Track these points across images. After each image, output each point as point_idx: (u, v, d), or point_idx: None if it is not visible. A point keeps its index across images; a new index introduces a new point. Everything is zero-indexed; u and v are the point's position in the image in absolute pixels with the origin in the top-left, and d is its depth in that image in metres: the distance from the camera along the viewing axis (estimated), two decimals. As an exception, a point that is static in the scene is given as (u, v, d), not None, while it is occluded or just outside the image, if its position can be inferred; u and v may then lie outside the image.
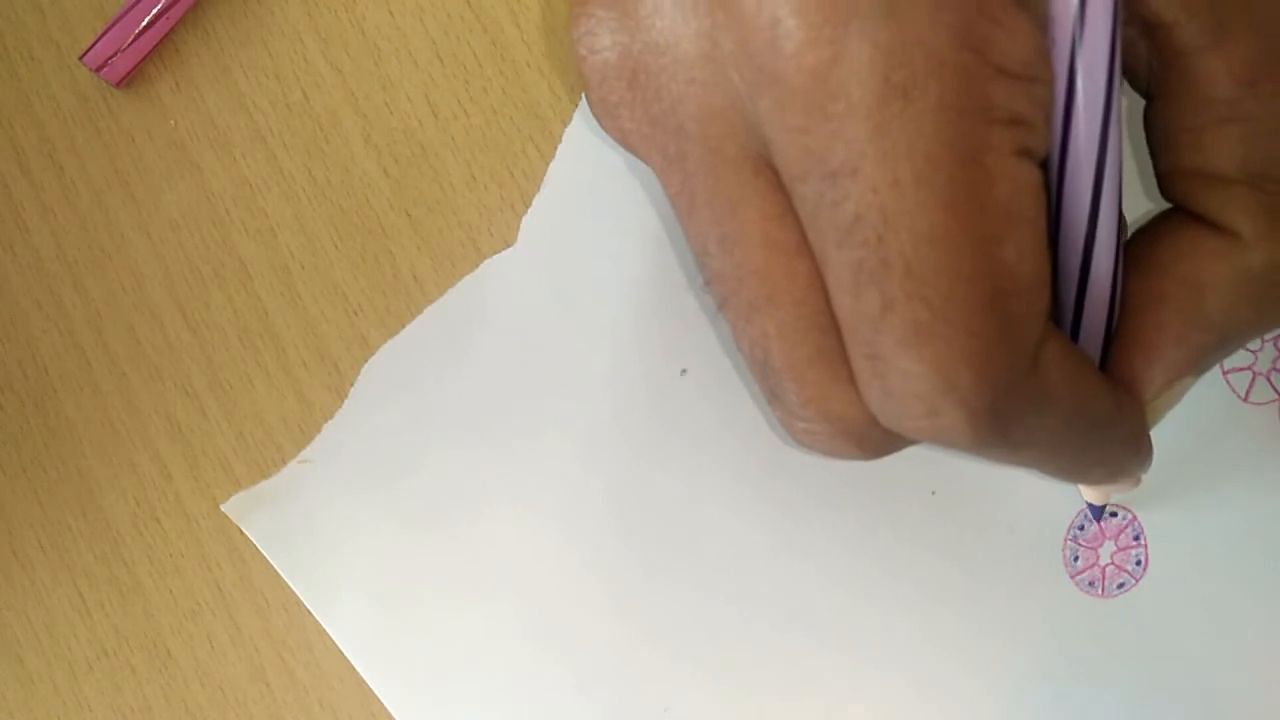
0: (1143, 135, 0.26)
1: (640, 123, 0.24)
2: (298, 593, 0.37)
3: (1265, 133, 0.24)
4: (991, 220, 0.21)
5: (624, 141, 0.25)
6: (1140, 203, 0.30)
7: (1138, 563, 0.33)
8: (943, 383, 0.22)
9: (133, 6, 0.39)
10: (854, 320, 0.22)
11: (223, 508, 0.38)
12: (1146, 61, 0.25)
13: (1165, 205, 0.26)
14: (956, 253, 0.21)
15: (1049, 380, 0.23)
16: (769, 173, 0.22)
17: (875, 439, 0.24)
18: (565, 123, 0.37)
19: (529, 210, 0.37)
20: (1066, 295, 0.25)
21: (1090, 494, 0.32)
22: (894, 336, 0.21)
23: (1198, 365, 0.26)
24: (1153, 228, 0.26)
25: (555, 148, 0.37)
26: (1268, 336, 0.33)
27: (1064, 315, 0.25)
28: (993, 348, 0.21)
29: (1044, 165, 0.23)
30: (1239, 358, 0.33)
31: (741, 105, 0.22)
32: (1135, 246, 0.26)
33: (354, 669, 0.37)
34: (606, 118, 0.24)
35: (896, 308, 0.21)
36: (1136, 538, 0.33)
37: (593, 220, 0.37)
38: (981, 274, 0.21)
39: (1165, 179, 0.26)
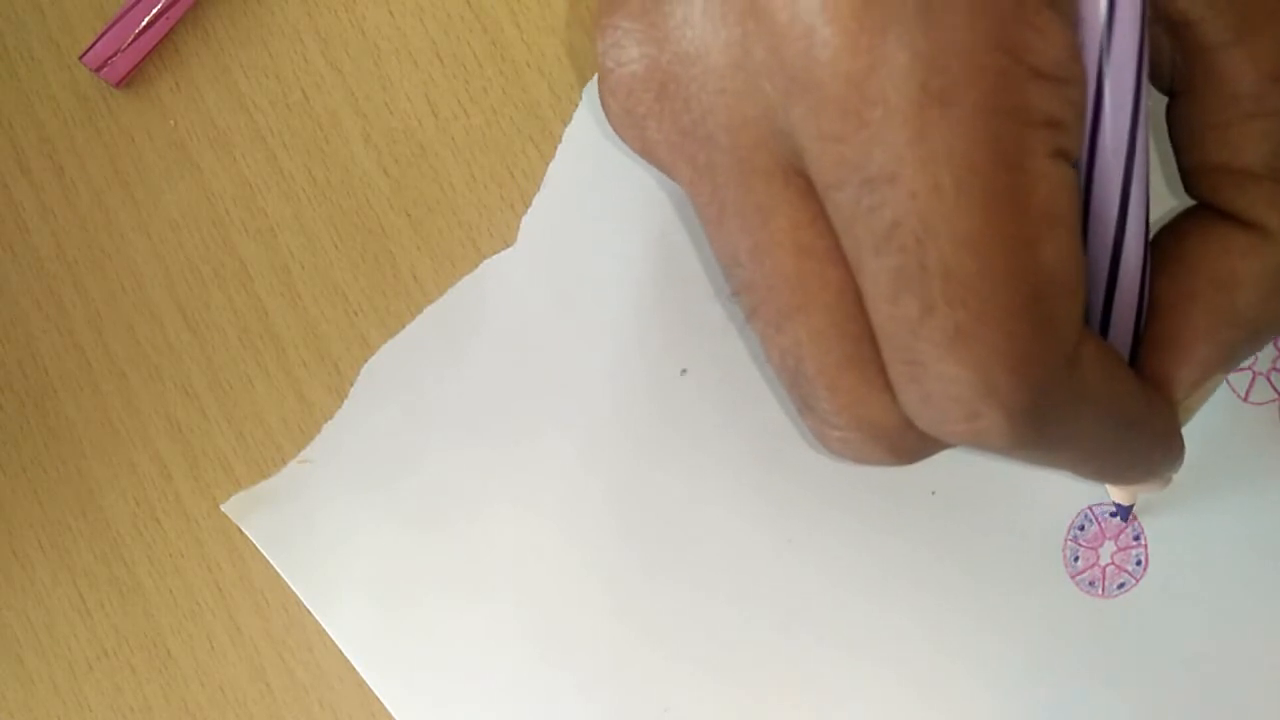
0: (1164, 131, 0.26)
1: (669, 133, 0.24)
2: (298, 593, 0.37)
3: None
4: (1030, 223, 0.21)
5: (648, 153, 0.24)
6: (1163, 199, 0.30)
7: (1138, 563, 0.33)
8: (982, 386, 0.21)
9: (133, 6, 0.39)
10: (891, 326, 0.22)
11: (223, 508, 0.38)
12: (1170, 58, 0.25)
13: (1189, 202, 0.26)
14: (996, 256, 0.21)
15: (1086, 381, 0.23)
16: (800, 181, 0.22)
17: (909, 444, 0.24)
18: (565, 123, 0.37)
19: (529, 210, 0.37)
20: (1095, 295, 0.25)
21: (1118, 494, 0.32)
22: (933, 341, 0.21)
23: (1227, 362, 0.26)
24: (1178, 225, 0.26)
25: (555, 148, 0.37)
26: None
27: (1093, 315, 0.25)
28: (1032, 349, 0.21)
29: (1074, 165, 0.23)
30: (1239, 358, 0.33)
31: (773, 114, 0.22)
32: (1161, 244, 0.26)
33: (354, 669, 0.37)
34: (631, 129, 0.24)
35: (936, 312, 0.21)
36: (1136, 538, 0.33)
37: (593, 220, 0.37)
38: (1021, 276, 0.21)
39: (1190, 175, 0.26)
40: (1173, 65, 0.25)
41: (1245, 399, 0.33)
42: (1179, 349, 0.25)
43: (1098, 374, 0.23)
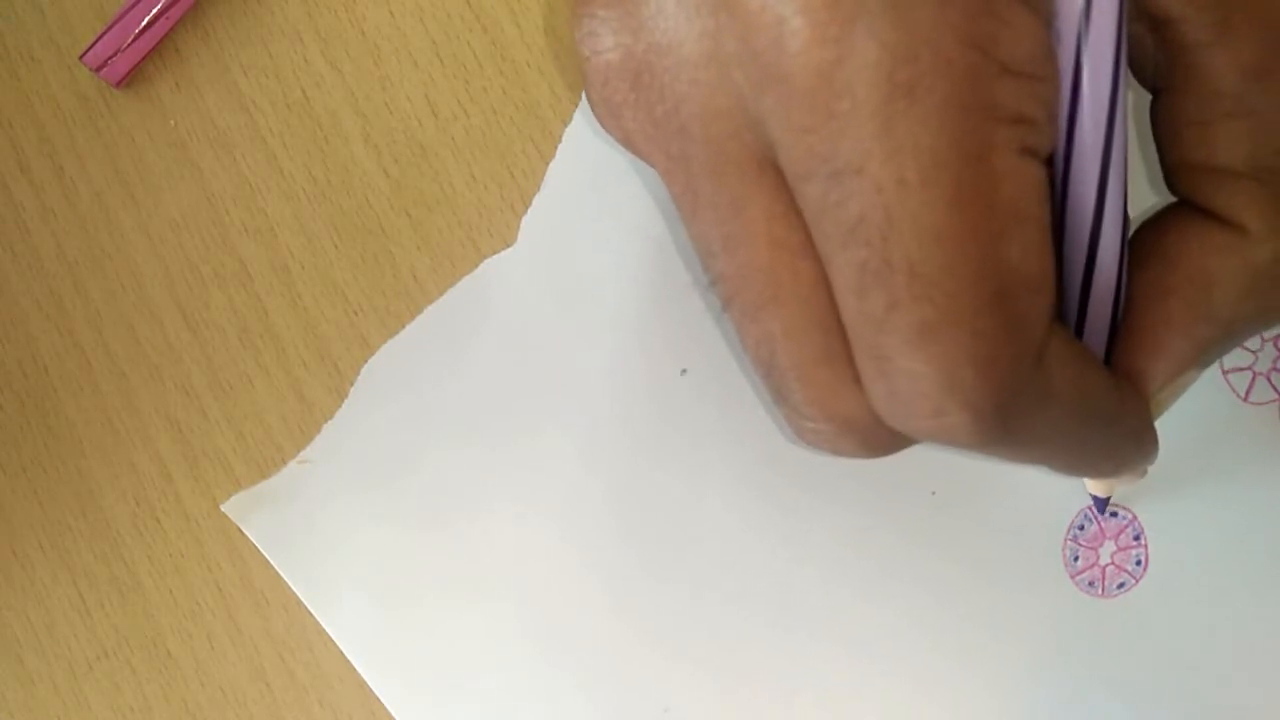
0: (1149, 128, 0.26)
1: (644, 123, 0.24)
2: (298, 593, 0.37)
3: (1272, 127, 0.24)
4: (996, 219, 0.21)
5: (627, 142, 0.25)
6: (1146, 195, 0.30)
7: (1138, 563, 0.33)
8: (948, 383, 0.21)
9: (133, 6, 0.39)
10: (859, 320, 0.22)
11: (223, 508, 0.38)
12: (1153, 56, 0.25)
13: (1170, 198, 0.26)
14: (961, 252, 0.21)
15: (1054, 378, 0.23)
16: (773, 172, 0.22)
17: (880, 438, 0.24)
18: (565, 123, 0.37)
19: (529, 210, 0.37)
20: (1071, 291, 0.25)
21: (1095, 487, 0.32)
22: (899, 337, 0.21)
23: (1202, 359, 0.26)
24: (1158, 221, 0.26)
25: (555, 148, 0.37)
26: (1267, 336, 0.33)
27: (1069, 311, 0.25)
28: (998, 347, 0.21)
29: (1049, 161, 0.23)
30: (1239, 357, 0.33)
31: (745, 105, 0.22)
32: (1140, 240, 0.26)
33: (354, 669, 0.37)
34: (609, 118, 0.24)
35: (901, 308, 0.21)
36: (1136, 538, 0.33)
37: (593, 220, 0.37)
38: (986, 273, 0.21)
39: (1172, 173, 0.26)
40: (1155, 63, 0.25)
41: (1245, 399, 0.33)
42: (1154, 343, 0.25)
43: (1066, 371, 0.23)
